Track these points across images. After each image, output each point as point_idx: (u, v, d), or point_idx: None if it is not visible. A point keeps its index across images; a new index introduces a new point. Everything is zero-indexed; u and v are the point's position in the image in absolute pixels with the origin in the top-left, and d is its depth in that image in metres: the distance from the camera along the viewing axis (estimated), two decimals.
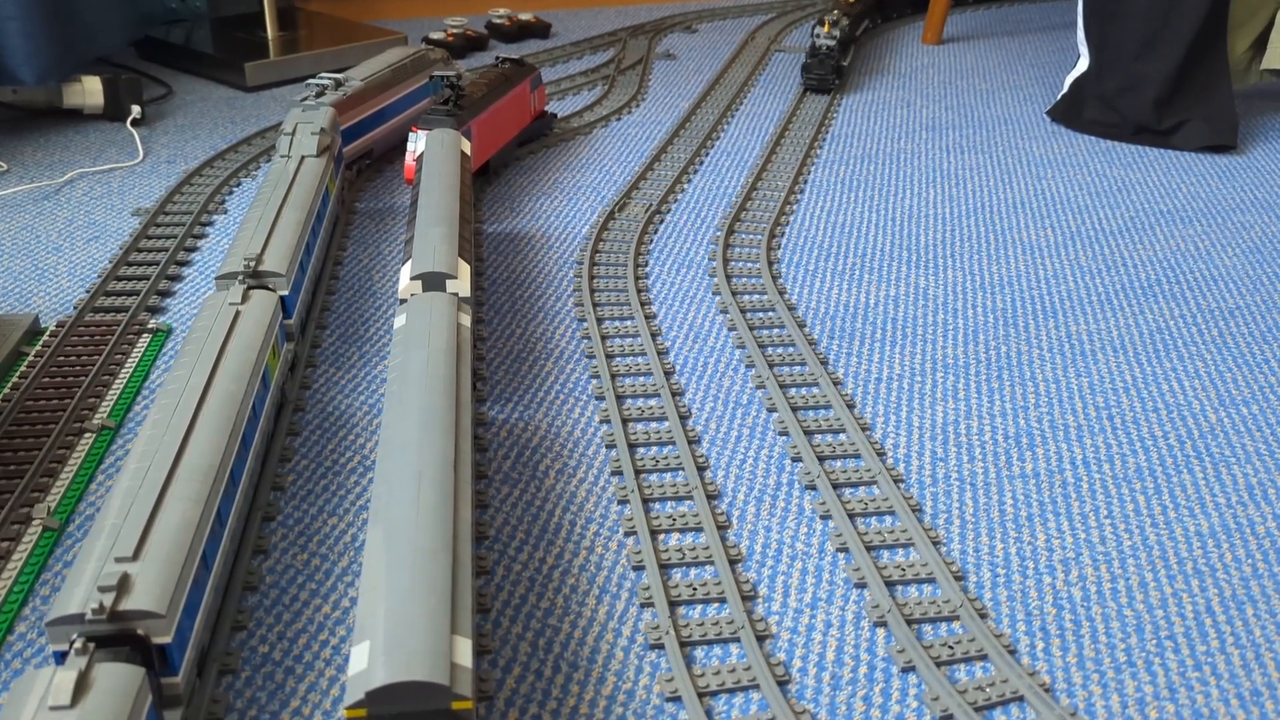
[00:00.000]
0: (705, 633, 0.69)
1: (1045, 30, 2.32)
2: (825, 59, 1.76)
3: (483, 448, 0.88)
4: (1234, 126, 1.59)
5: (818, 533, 0.80)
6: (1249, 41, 1.68)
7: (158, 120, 1.59)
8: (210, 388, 0.73)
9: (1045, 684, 0.67)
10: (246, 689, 0.65)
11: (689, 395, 0.96)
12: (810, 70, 1.77)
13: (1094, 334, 1.08)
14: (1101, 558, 0.78)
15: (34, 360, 0.94)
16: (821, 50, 1.77)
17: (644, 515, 0.79)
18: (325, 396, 0.94)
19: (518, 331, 1.05)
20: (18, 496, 0.78)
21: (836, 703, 0.66)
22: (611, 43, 2.08)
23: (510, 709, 0.64)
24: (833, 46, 1.76)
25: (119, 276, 1.11)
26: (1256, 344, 1.07)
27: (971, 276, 1.19)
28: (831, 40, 1.76)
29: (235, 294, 0.84)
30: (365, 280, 1.14)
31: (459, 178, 1.04)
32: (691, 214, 1.33)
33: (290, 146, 1.12)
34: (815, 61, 1.77)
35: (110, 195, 1.32)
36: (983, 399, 0.97)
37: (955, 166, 1.51)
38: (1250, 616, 0.73)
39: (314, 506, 0.80)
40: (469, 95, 1.31)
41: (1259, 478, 0.87)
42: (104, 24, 1.61)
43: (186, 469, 0.65)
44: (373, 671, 0.51)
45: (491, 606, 0.72)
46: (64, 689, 0.49)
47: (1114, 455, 0.89)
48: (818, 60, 1.77)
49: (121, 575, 0.56)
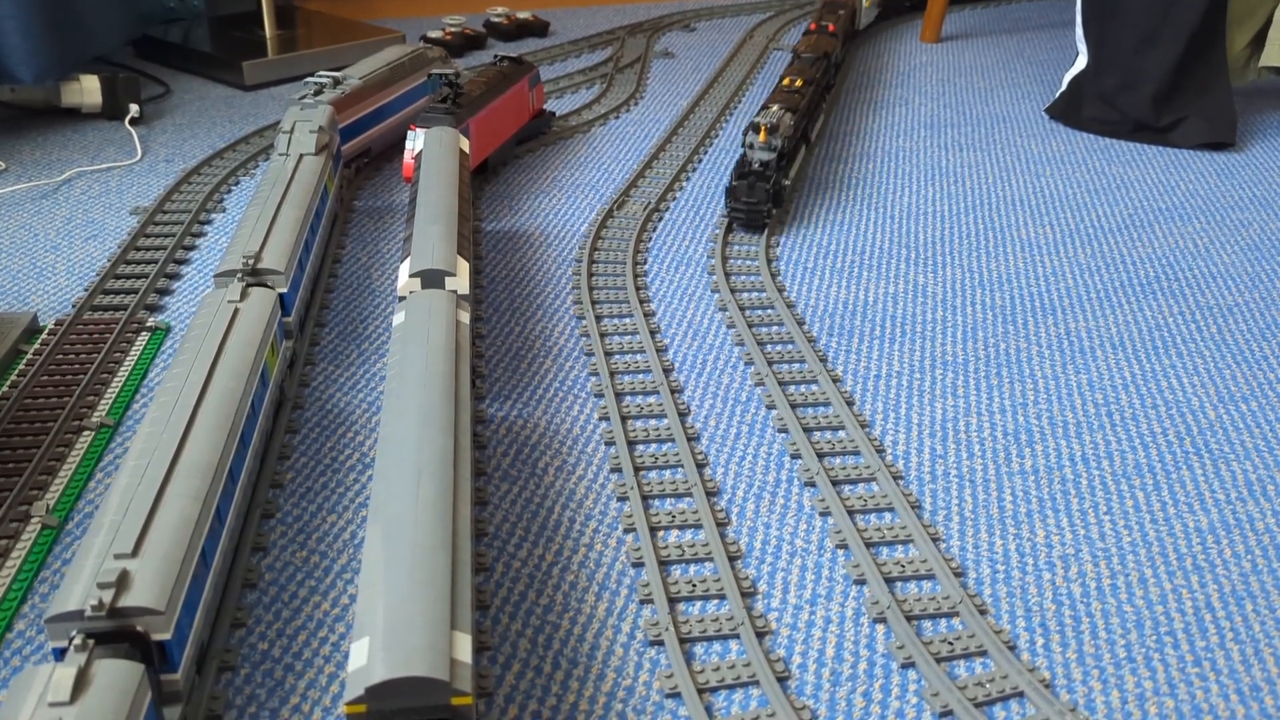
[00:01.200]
0: (705, 629, 0.69)
1: (1044, 28, 2.32)
2: (757, 182, 1.22)
3: (482, 445, 0.88)
4: (1232, 124, 1.59)
5: (817, 529, 0.80)
6: (1247, 39, 1.68)
7: (156, 119, 1.59)
8: (209, 385, 0.73)
9: (1045, 680, 0.67)
10: (246, 686, 0.65)
11: (688, 392, 0.96)
12: (736, 196, 1.23)
13: (1093, 331, 1.08)
14: (1101, 554, 0.78)
15: (32, 358, 0.94)
16: (754, 168, 1.24)
17: (643, 512, 0.79)
18: (324, 394, 0.94)
19: (517, 329, 1.05)
20: (16, 494, 0.78)
21: (836, 699, 0.66)
22: (610, 41, 2.08)
23: (510, 705, 0.64)
24: (769, 161, 1.24)
25: (117, 275, 1.10)
26: (1255, 341, 1.07)
27: (970, 274, 1.19)
28: (768, 153, 1.24)
29: (234, 292, 0.83)
30: (364, 278, 1.14)
31: (458, 176, 1.04)
32: (690, 212, 1.33)
33: (289, 145, 1.12)
34: (744, 185, 1.23)
35: (108, 194, 1.32)
36: (982, 396, 0.97)
37: (954, 164, 1.51)
38: (1249, 612, 0.73)
39: (313, 504, 0.80)
40: (467, 94, 1.31)
41: (1258, 474, 0.87)
42: (102, 23, 1.61)
43: (186, 466, 0.65)
44: (372, 667, 0.51)
45: (491, 603, 0.72)
46: (63, 685, 0.49)
47: (1113, 452, 0.89)
48: (746, 184, 1.23)
49: (121, 572, 0.56)
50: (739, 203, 1.24)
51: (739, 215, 1.25)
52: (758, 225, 1.26)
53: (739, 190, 1.24)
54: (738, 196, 1.24)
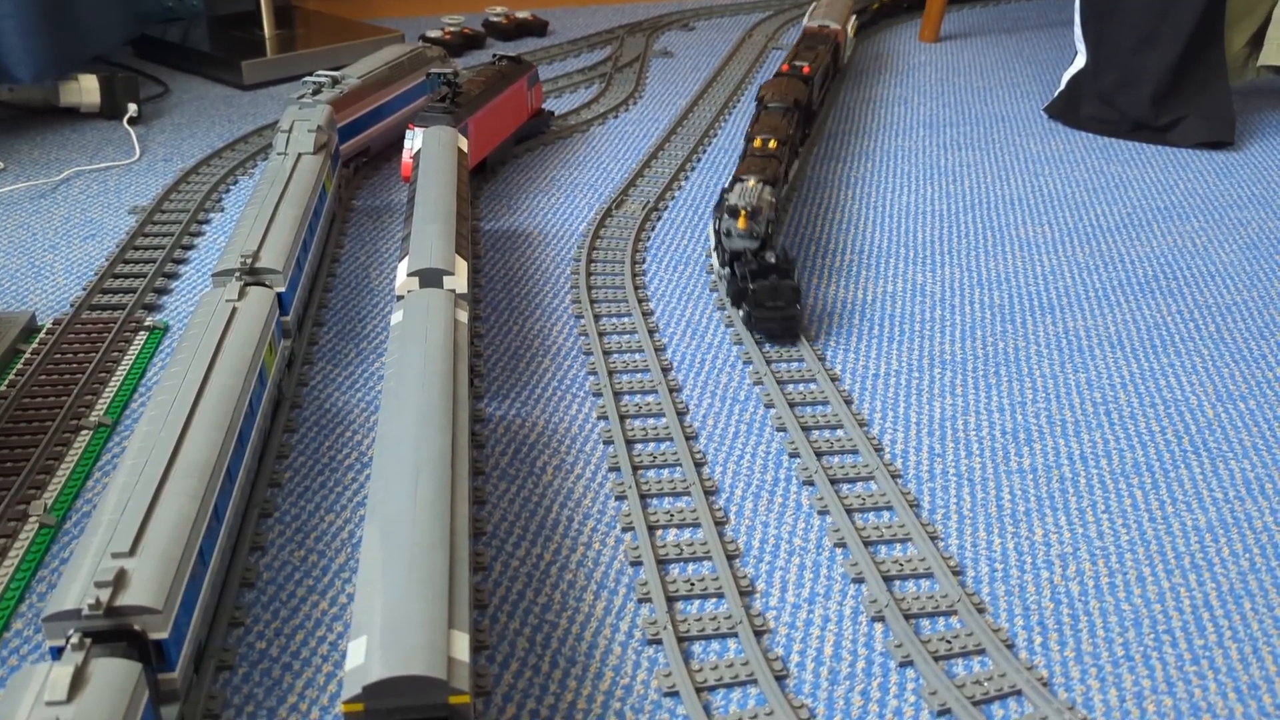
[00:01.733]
0: (703, 628, 0.69)
1: (1043, 27, 2.32)
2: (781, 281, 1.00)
3: (480, 444, 0.87)
4: (1231, 123, 1.59)
5: (815, 528, 0.80)
6: (1246, 37, 1.68)
7: (154, 119, 1.59)
8: (207, 384, 0.73)
9: (1043, 678, 0.67)
10: (244, 685, 0.65)
11: (686, 391, 0.96)
12: (759, 303, 1.01)
13: (1091, 330, 1.08)
14: (1099, 552, 0.78)
15: (30, 358, 0.94)
16: (747, 261, 1.03)
17: (642, 511, 0.79)
18: (322, 393, 0.94)
19: (515, 328, 1.05)
20: (14, 493, 0.78)
21: (834, 697, 0.66)
22: (608, 40, 2.08)
23: (508, 704, 0.64)
24: (759, 251, 1.04)
25: (116, 274, 1.10)
26: (1253, 339, 1.07)
27: (969, 273, 1.19)
28: (752, 240, 1.04)
29: (232, 291, 0.83)
30: (362, 277, 1.14)
31: (456, 175, 1.04)
32: (689, 211, 1.32)
33: (287, 144, 1.12)
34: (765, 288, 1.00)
35: (107, 193, 1.32)
36: (980, 394, 0.97)
37: (952, 163, 1.51)
38: (1248, 610, 0.73)
39: (311, 503, 0.80)
40: (466, 93, 1.31)
41: (1256, 473, 0.87)
42: (100, 22, 1.61)
43: (183, 465, 0.65)
44: (370, 666, 0.51)
45: (489, 602, 0.72)
46: (60, 684, 0.49)
47: (1111, 450, 0.89)
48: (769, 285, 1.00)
49: (118, 571, 0.56)
50: (765, 310, 1.00)
51: (770, 326, 1.01)
52: (793, 333, 1.02)
53: (761, 295, 1.00)
54: (760, 303, 1.00)
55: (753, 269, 1.01)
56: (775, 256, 1.02)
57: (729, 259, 1.07)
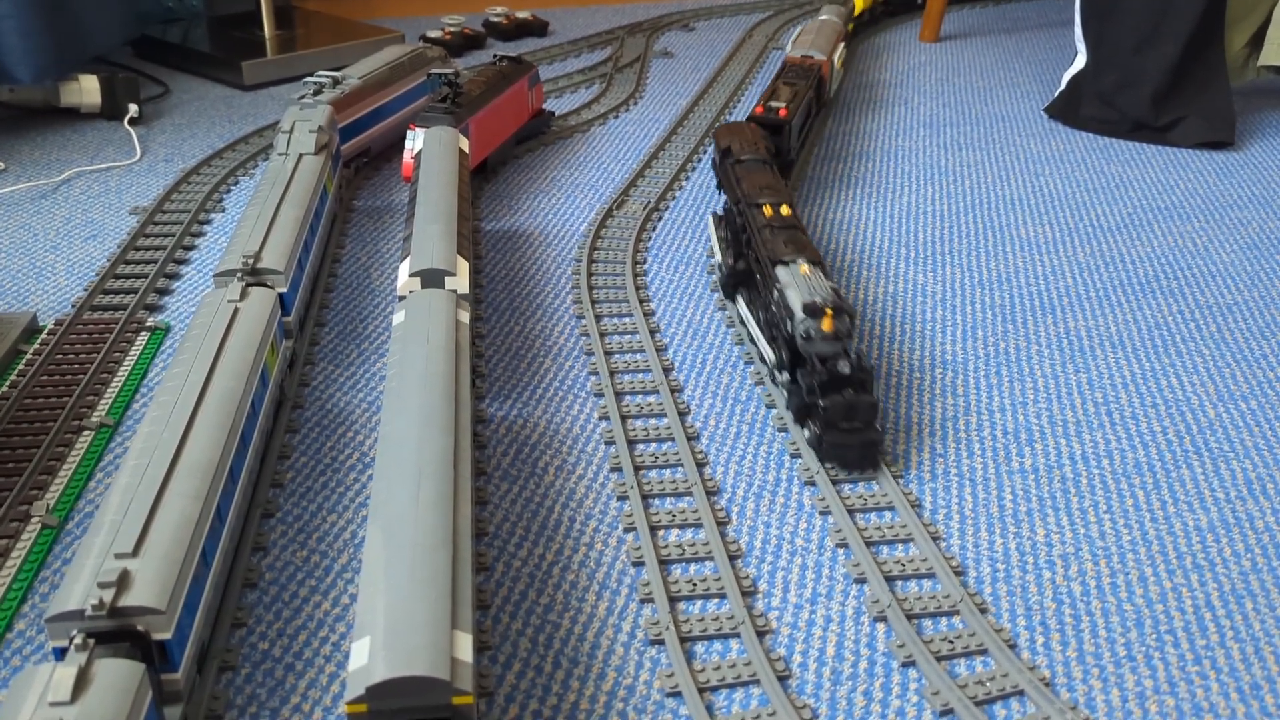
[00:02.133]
0: (705, 628, 0.69)
1: (1043, 27, 2.32)
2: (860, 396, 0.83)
3: (482, 444, 0.88)
4: (1231, 123, 1.60)
5: (817, 528, 0.80)
6: (1246, 38, 1.68)
7: (155, 119, 1.59)
8: (209, 385, 0.73)
9: (1045, 678, 0.67)
10: (246, 685, 0.65)
11: (688, 392, 0.96)
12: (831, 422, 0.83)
13: (1092, 330, 1.08)
14: (1101, 552, 0.78)
15: (32, 358, 0.94)
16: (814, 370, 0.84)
17: (643, 511, 0.79)
18: (324, 393, 0.94)
19: (516, 328, 1.05)
20: (16, 494, 0.78)
21: (837, 697, 0.66)
22: (609, 41, 2.08)
23: (510, 704, 0.64)
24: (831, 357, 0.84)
25: (117, 275, 1.10)
26: (1254, 339, 1.07)
27: (970, 273, 1.19)
28: (837, 343, 0.83)
29: (234, 291, 0.83)
30: (364, 277, 1.14)
31: (457, 175, 1.04)
32: (689, 211, 1.33)
33: (288, 144, 1.12)
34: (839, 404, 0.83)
35: (108, 194, 1.32)
36: (981, 395, 0.97)
37: (953, 164, 1.51)
38: (1250, 611, 0.73)
39: (313, 503, 0.80)
40: (467, 93, 1.31)
41: (1258, 472, 0.87)
42: (101, 23, 1.60)
43: (186, 466, 0.65)
44: (373, 667, 0.51)
45: (491, 602, 0.72)
46: (64, 685, 0.49)
47: (1113, 450, 0.89)
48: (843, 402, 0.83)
49: (121, 571, 0.56)
50: (839, 434, 0.82)
51: (845, 453, 0.83)
52: (874, 460, 0.84)
53: (833, 414, 0.82)
54: (833, 424, 0.82)
55: (822, 380, 0.83)
56: (849, 364, 0.83)
57: (787, 359, 0.88)
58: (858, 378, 0.84)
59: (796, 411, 0.88)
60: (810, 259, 0.91)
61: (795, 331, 0.84)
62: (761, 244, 0.95)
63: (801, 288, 0.86)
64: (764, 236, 0.96)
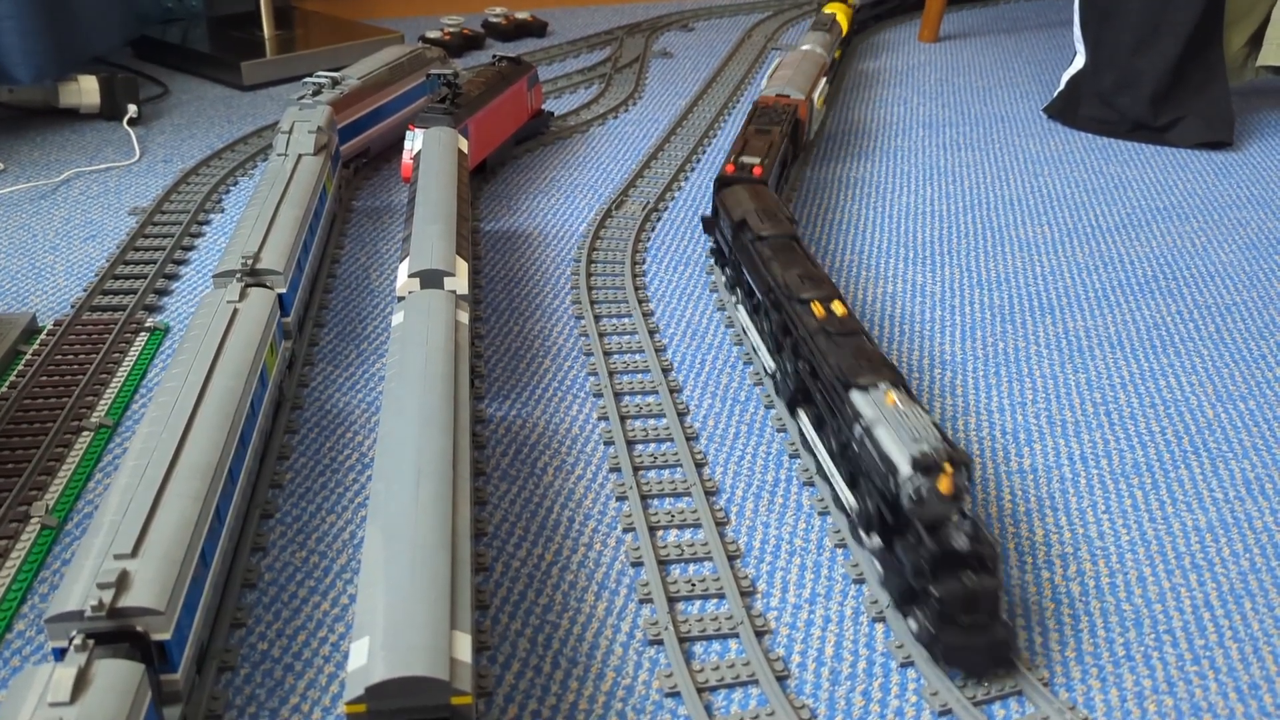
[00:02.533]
0: (704, 628, 0.69)
1: (1042, 28, 2.32)
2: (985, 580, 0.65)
3: (481, 445, 0.88)
4: (1230, 123, 1.60)
5: (816, 528, 0.80)
6: (1245, 38, 1.69)
7: (154, 119, 1.59)
8: (208, 385, 0.73)
9: (1044, 678, 0.67)
10: (246, 686, 0.65)
11: (687, 392, 0.96)
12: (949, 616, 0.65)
13: (1091, 330, 1.08)
14: (1099, 552, 0.78)
15: (31, 359, 0.94)
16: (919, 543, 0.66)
17: (642, 511, 0.79)
18: (323, 394, 0.94)
19: (515, 329, 1.05)
20: (16, 495, 0.78)
21: (836, 698, 0.66)
22: (608, 41, 2.08)
23: (509, 705, 0.64)
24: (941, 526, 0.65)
25: (116, 275, 1.10)
26: (1253, 339, 1.07)
27: (968, 273, 1.19)
28: (950, 507, 0.66)
29: (233, 292, 0.83)
30: (363, 278, 1.14)
31: (456, 176, 1.05)
32: (689, 211, 1.33)
33: (287, 145, 1.12)
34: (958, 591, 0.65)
35: (107, 194, 1.32)
36: (980, 395, 0.97)
37: (952, 164, 1.51)
38: (1248, 610, 0.73)
39: (312, 504, 0.80)
40: (466, 94, 1.31)
41: (1256, 473, 0.87)
42: (100, 23, 1.61)
43: (185, 466, 0.65)
44: (372, 667, 0.51)
45: (490, 603, 0.72)
46: (63, 686, 0.49)
47: (1111, 451, 0.89)
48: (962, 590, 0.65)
49: (120, 572, 0.56)
50: (958, 633, 0.65)
51: (968, 657, 0.66)
52: (1006, 660, 0.67)
53: (950, 605, 0.64)
54: (951, 617, 0.65)
55: (932, 556, 0.64)
56: (965, 534, 0.65)
57: (876, 517, 0.70)
58: (977, 552, 0.64)
59: (897, 595, 0.70)
60: (892, 380, 0.75)
61: (900, 491, 0.66)
62: (823, 360, 0.79)
63: (897, 427, 0.69)
64: (822, 348, 0.80)
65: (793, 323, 0.86)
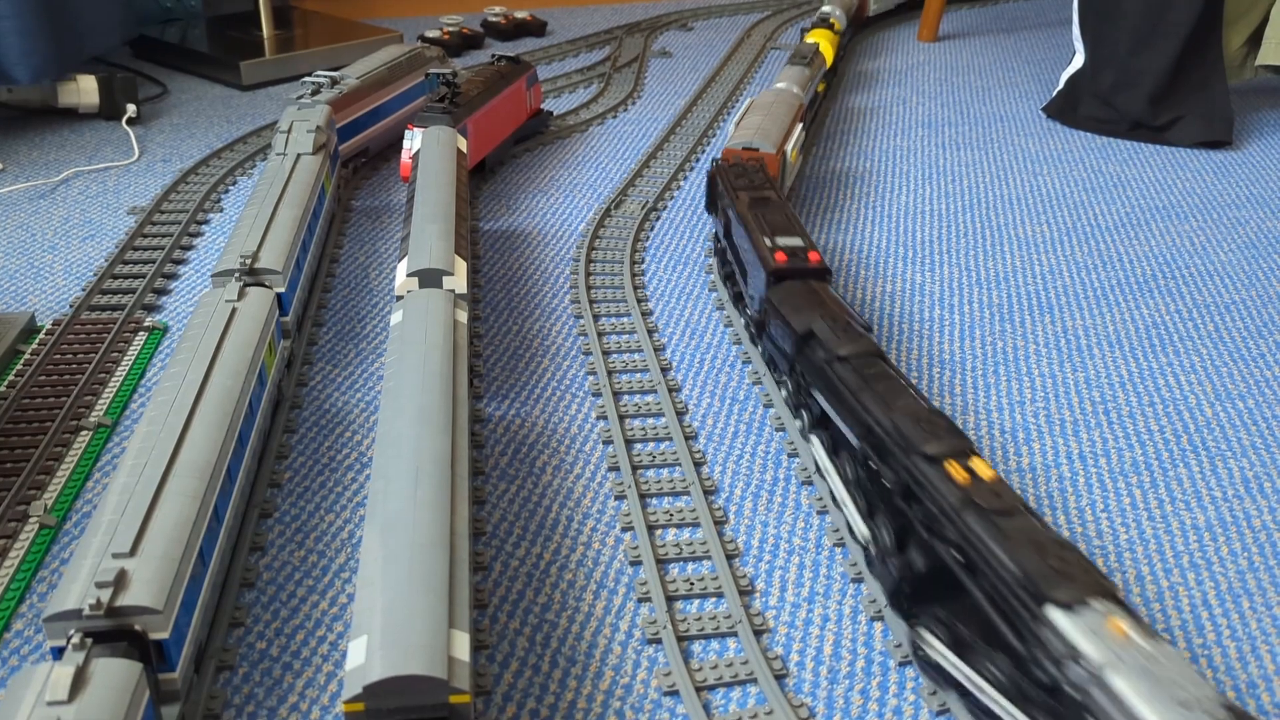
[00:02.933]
0: (703, 627, 0.69)
1: (1041, 27, 2.32)
2: None
3: (480, 444, 0.88)
4: (1229, 122, 1.60)
5: (815, 527, 0.80)
6: (1244, 37, 1.69)
7: (153, 119, 1.59)
8: (207, 385, 0.73)
9: None
10: (244, 685, 0.65)
11: (686, 391, 0.96)
12: None
13: (1090, 329, 1.08)
14: (1098, 551, 0.78)
15: (30, 358, 0.94)
16: None
17: (641, 510, 0.79)
18: (322, 393, 0.94)
19: (514, 328, 1.05)
20: (14, 494, 0.78)
21: (834, 696, 0.66)
22: (607, 41, 2.08)
23: (508, 704, 0.64)
24: None
25: (115, 275, 1.10)
26: (1252, 338, 1.07)
27: (967, 272, 1.19)
28: None
29: (231, 291, 0.83)
30: (362, 277, 1.14)
31: (455, 175, 1.04)
32: (688, 210, 1.33)
33: (286, 144, 1.12)
34: None
35: (106, 194, 1.32)
36: (979, 394, 0.97)
37: (951, 163, 1.51)
38: (1247, 609, 0.73)
39: (311, 503, 0.80)
40: (465, 93, 1.31)
41: (1255, 471, 0.87)
42: (99, 23, 1.60)
43: (183, 466, 0.65)
44: (370, 666, 0.51)
45: (489, 602, 0.72)
46: (61, 684, 0.49)
47: (1110, 450, 0.89)
48: None
49: (119, 571, 0.56)
50: None
51: None
52: None
53: None
54: None
55: None
56: None
57: None
58: None
59: None
60: (1105, 593, 0.55)
61: None
62: (985, 552, 0.59)
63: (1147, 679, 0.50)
64: (979, 533, 0.60)
65: (926, 493, 0.64)
